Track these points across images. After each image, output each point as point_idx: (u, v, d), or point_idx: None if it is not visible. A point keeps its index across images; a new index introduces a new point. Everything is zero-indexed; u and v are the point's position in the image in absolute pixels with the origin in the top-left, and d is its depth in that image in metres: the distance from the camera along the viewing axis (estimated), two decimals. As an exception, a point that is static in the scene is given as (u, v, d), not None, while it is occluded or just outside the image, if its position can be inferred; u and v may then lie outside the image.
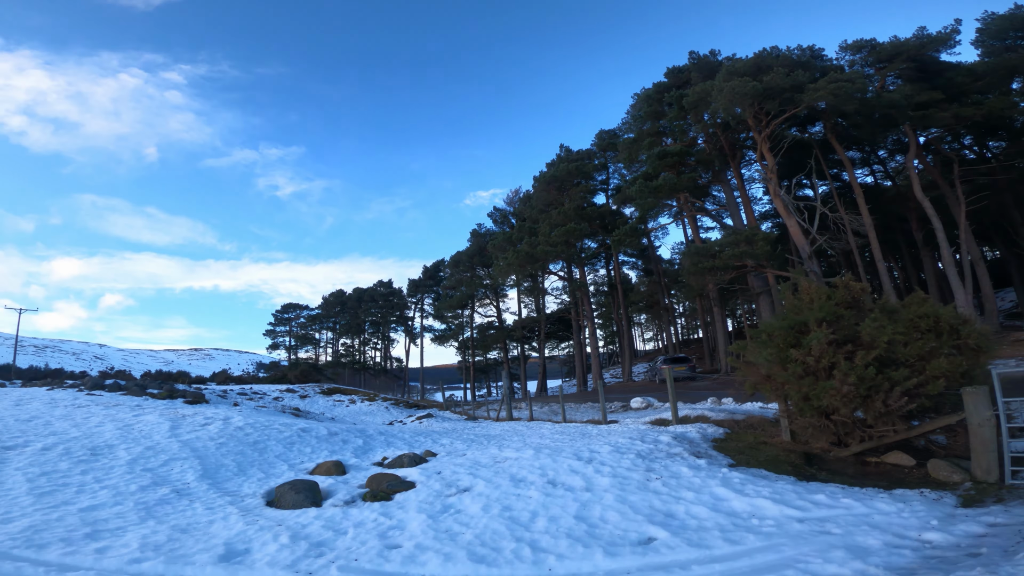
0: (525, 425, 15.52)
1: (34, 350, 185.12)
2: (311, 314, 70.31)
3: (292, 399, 30.39)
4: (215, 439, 8.86)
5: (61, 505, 5.48)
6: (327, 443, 9.59)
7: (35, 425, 9.24)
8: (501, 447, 8.80)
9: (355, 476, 7.14)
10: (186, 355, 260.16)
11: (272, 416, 14.42)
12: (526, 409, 25.67)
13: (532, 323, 47.85)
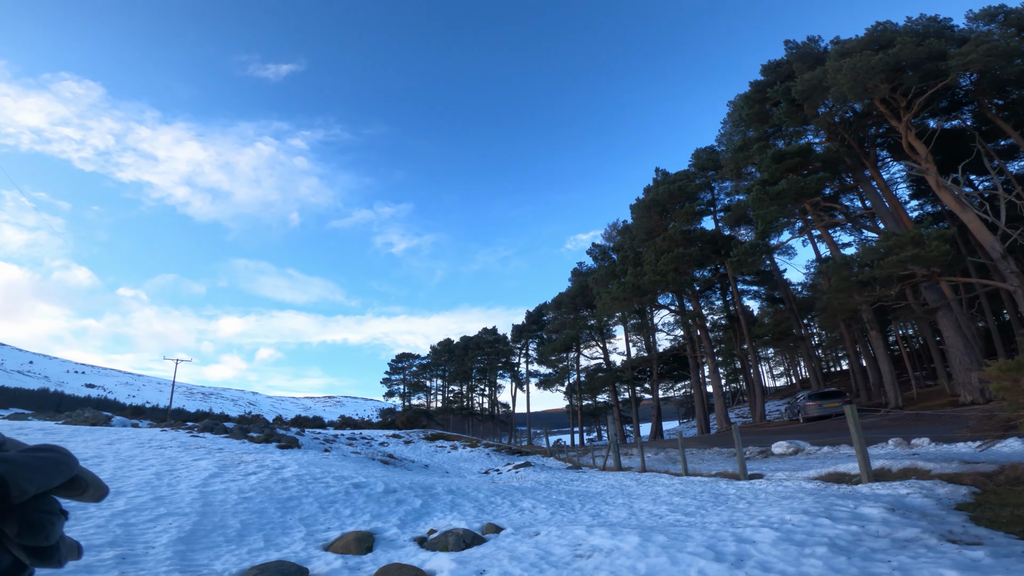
0: (635, 479, 12.49)
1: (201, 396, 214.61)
2: (422, 363, 72.06)
3: (396, 445, 29.70)
4: (244, 492, 7.37)
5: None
6: (376, 503, 7.68)
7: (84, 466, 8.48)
8: (595, 521, 6.20)
9: (379, 556, 5.07)
10: (321, 402, 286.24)
11: (345, 465, 13.03)
12: (637, 456, 22.19)
13: (642, 363, 43.68)
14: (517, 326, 58.32)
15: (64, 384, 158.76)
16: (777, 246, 34.92)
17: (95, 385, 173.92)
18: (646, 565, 4.05)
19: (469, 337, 65.32)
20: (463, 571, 4.23)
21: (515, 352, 60.68)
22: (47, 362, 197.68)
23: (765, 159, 27.28)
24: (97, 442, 11.49)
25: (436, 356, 70.04)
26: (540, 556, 4.54)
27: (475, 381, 65.29)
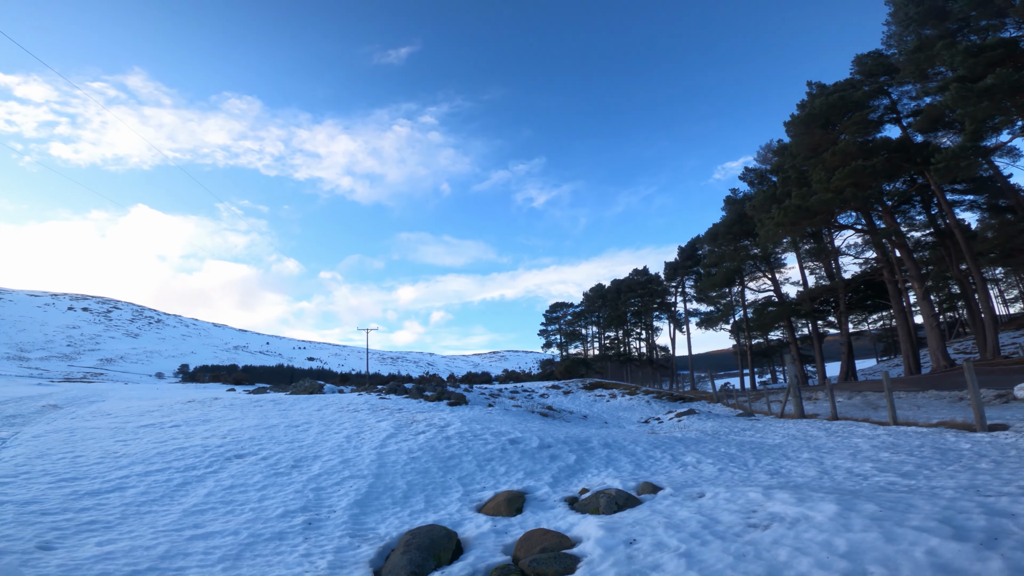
0: (824, 428, 10.83)
1: (391, 360, 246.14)
2: (575, 311, 72.57)
3: (555, 396, 30.51)
4: (413, 452, 7.91)
5: (188, 529, 4.85)
6: (531, 460, 7.68)
7: (291, 432, 9.90)
8: (774, 481, 5.31)
9: (527, 519, 4.95)
10: (487, 358, 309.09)
11: (504, 420, 13.51)
12: (824, 400, 19.47)
13: (824, 292, 37.95)
14: (670, 263, 55.03)
15: (292, 359, 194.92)
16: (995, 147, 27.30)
17: (314, 358, 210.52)
18: (847, 542, 3.20)
19: (620, 280, 63.73)
20: (610, 540, 3.82)
21: (670, 291, 57.55)
22: (279, 342, 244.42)
23: (956, 55, 22.96)
24: (309, 409, 13.40)
25: (589, 303, 69.91)
26: (703, 524, 3.91)
27: (630, 325, 63.82)
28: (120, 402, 17.78)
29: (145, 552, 4.22)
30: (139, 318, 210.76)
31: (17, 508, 5.16)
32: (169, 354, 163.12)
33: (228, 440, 8.69)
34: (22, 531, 4.53)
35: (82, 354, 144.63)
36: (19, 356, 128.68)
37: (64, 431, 10.41)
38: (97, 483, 6.23)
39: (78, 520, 4.93)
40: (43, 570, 3.72)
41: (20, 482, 6.17)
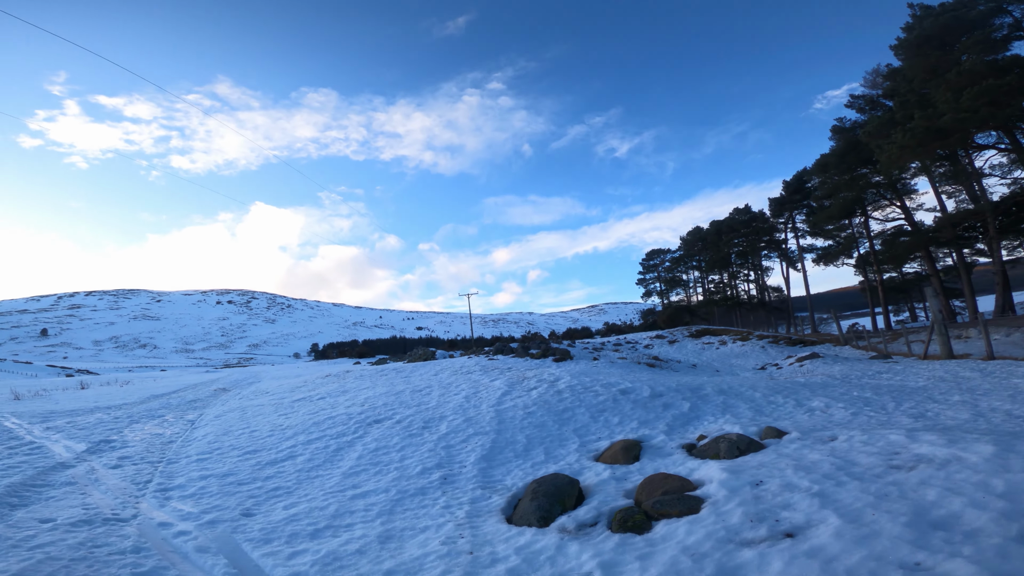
0: (977, 369, 9.68)
1: (492, 323, 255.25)
2: (673, 257, 69.62)
3: (660, 346, 29.95)
4: (528, 407, 8.36)
5: (349, 488, 5.63)
6: (643, 409, 7.79)
7: (416, 396, 10.87)
8: (918, 424, 4.96)
9: (645, 466, 5.11)
10: (586, 312, 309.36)
11: (612, 372, 13.63)
12: (976, 338, 17.22)
13: (968, 217, 32.73)
14: (775, 199, 50.46)
15: (403, 330, 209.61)
16: None
17: (422, 327, 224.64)
18: (1005, 483, 2.98)
19: (720, 221, 59.76)
20: (735, 482, 3.87)
21: (778, 228, 53.00)
22: (390, 314, 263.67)
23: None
24: (427, 374, 14.50)
25: (687, 247, 66.65)
26: (837, 466, 3.81)
27: (736, 267, 60.05)
28: (272, 381, 20.49)
29: (320, 512, 5.00)
30: (273, 305, 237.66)
31: (219, 480, 6.28)
32: (301, 335, 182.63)
33: (366, 408, 9.77)
34: (227, 501, 5.51)
35: (233, 342, 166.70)
36: (185, 349, 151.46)
37: (237, 410, 12.30)
38: (272, 454, 7.38)
39: (265, 488, 5.92)
40: (249, 535, 4.54)
41: (216, 457, 7.47)
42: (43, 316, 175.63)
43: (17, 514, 5.06)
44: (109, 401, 15.92)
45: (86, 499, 5.59)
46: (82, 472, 6.83)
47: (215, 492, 5.83)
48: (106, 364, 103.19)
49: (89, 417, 12.22)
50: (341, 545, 4.11)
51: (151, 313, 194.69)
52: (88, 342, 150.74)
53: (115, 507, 5.31)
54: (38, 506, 5.34)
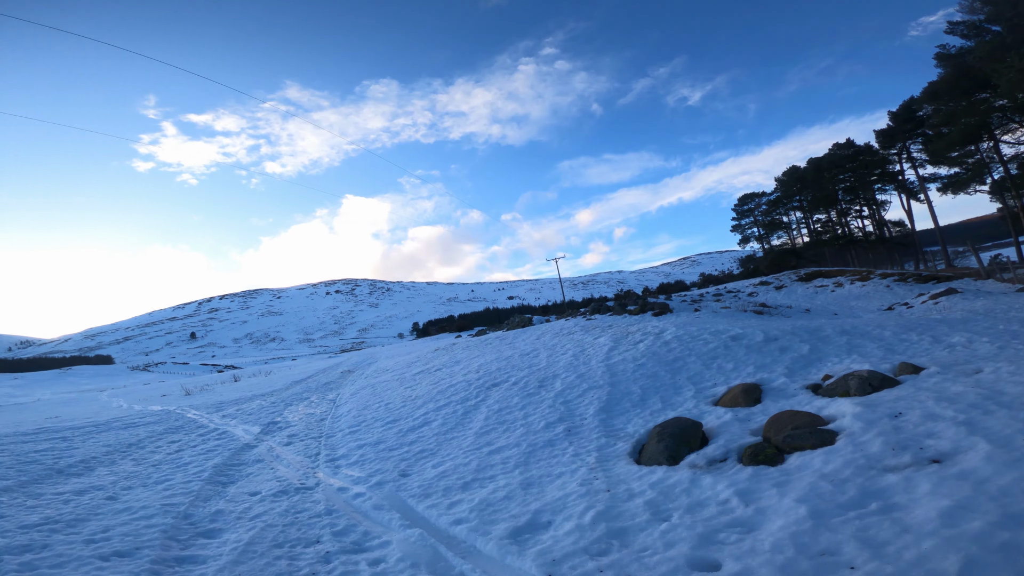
0: None
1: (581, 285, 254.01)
2: (770, 199, 64.54)
3: (766, 292, 28.34)
4: (637, 359, 8.55)
5: (483, 446, 6.24)
6: (758, 354, 7.67)
7: (526, 359, 11.45)
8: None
9: (768, 407, 5.13)
10: (678, 265, 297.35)
11: (717, 321, 13.30)
12: None
13: None
14: (882, 131, 44.97)
15: (495, 301, 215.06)
16: None
17: (513, 296, 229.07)
18: None
19: (819, 158, 54.20)
20: (871, 415, 3.84)
21: (890, 160, 47.20)
22: (481, 287, 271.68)
23: None
24: (530, 339, 15.08)
25: (784, 188, 61.29)
26: (984, 396, 3.66)
27: (844, 204, 54.44)
28: (388, 360, 22.34)
29: (464, 468, 5.64)
30: (375, 290, 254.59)
31: (373, 448, 7.21)
32: (402, 316, 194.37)
33: (481, 374, 10.52)
34: (385, 464, 6.34)
35: (345, 328, 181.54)
36: (306, 339, 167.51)
37: (367, 387, 13.70)
38: (410, 422, 8.28)
39: (412, 451, 6.73)
40: (410, 491, 5.26)
41: (363, 429, 8.52)
42: (189, 321, 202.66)
43: (230, 490, 6.11)
44: (260, 389, 18.34)
45: (276, 472, 6.65)
46: (264, 450, 8.08)
47: (372, 458, 6.71)
48: (245, 358, 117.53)
49: (251, 404, 14.22)
50: (490, 494, 4.69)
51: (274, 309, 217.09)
52: (228, 340, 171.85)
53: (300, 478, 6.29)
54: (243, 481, 6.43)
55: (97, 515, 5.32)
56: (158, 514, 5.21)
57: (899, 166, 47.41)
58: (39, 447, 9.51)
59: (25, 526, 5.00)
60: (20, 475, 7.21)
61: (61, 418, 15.35)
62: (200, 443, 9.14)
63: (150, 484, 6.54)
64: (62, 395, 38.22)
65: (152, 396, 22.42)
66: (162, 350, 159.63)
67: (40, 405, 25.84)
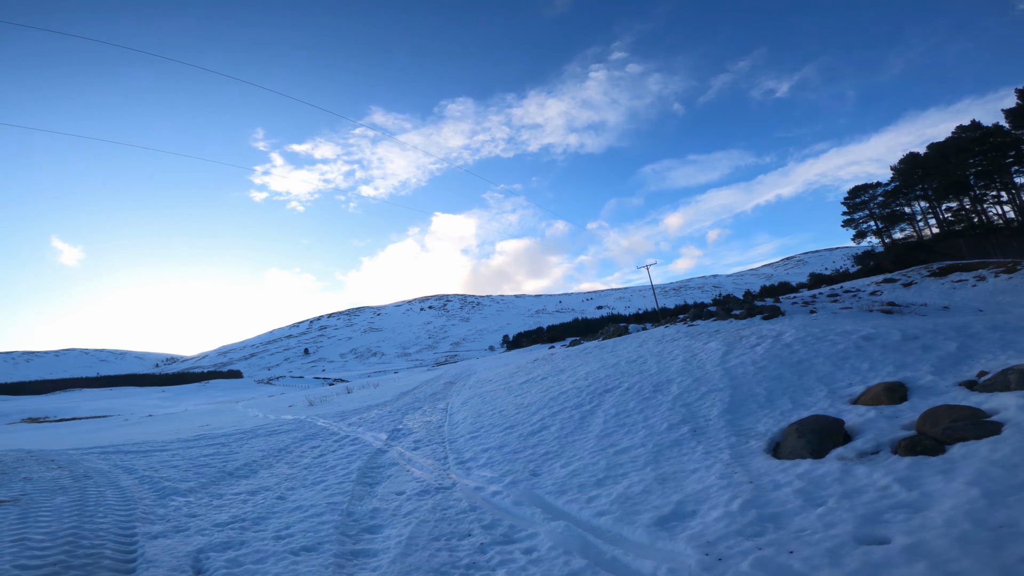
0: None
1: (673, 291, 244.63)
2: (886, 190, 58.35)
3: (891, 290, 25.73)
4: (757, 363, 8.33)
5: (608, 447, 6.43)
6: (896, 353, 7.19)
7: (633, 366, 11.47)
8: None
9: (917, 404, 4.87)
10: (780, 266, 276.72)
11: (842, 321, 12.43)
12: None
13: None
14: (1012, 109, 39.81)
15: (584, 311, 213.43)
16: None
17: (602, 306, 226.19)
18: None
19: (940, 143, 48.29)
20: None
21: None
22: (568, 298, 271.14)
23: None
24: (631, 347, 15.03)
25: (904, 177, 55.08)
26: None
27: (978, 190, 47.93)
28: (486, 371, 23.11)
29: (594, 467, 5.88)
30: (465, 305, 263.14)
31: (498, 451, 7.62)
32: (492, 329, 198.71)
33: (589, 381, 10.71)
34: (513, 466, 6.71)
35: (439, 343, 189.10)
36: (404, 353, 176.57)
37: (475, 397, 14.35)
38: (527, 427, 8.65)
39: (537, 453, 7.07)
40: (545, 489, 5.52)
41: (483, 434, 9.02)
42: (303, 339, 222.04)
43: (378, 490, 6.63)
44: (373, 400, 19.72)
45: (412, 474, 7.19)
46: (396, 455, 8.75)
47: (500, 460, 7.11)
48: (351, 372, 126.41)
49: (370, 413, 15.40)
50: (626, 488, 4.91)
51: (375, 325, 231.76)
52: (336, 355, 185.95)
53: (436, 479, 6.76)
54: (386, 482, 6.97)
55: (275, 513, 5.92)
56: (326, 512, 5.72)
57: (1038, 145, 41.18)
58: (204, 452, 10.84)
59: (219, 524, 5.63)
60: (199, 477, 8.28)
61: (211, 426, 17.38)
62: (337, 448, 10.01)
63: (308, 485, 7.23)
64: (203, 406, 43.45)
65: (280, 407, 24.69)
66: (281, 365, 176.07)
67: (187, 415, 29.42)
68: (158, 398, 70.96)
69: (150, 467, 9.31)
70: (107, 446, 12.80)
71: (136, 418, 31.70)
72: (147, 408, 50.66)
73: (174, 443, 12.58)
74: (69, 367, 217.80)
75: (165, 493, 7.20)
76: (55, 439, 17.44)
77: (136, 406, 56.94)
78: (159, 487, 7.57)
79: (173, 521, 5.83)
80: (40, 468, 9.47)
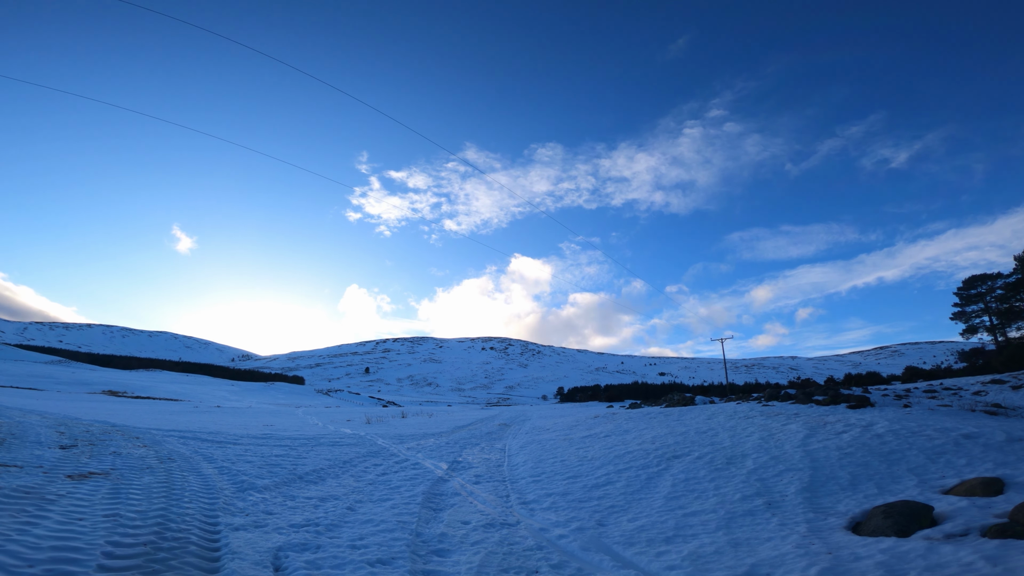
0: None
1: (745, 368, 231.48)
2: (1008, 282, 53.02)
3: (999, 391, 23.10)
4: (843, 448, 7.93)
5: (676, 508, 6.34)
6: (998, 452, 6.69)
7: (704, 437, 11.13)
8: None
9: (1012, 498, 4.60)
10: (872, 355, 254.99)
11: (940, 419, 11.44)
12: None
13: None
14: None
15: (645, 376, 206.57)
16: None
17: (665, 372, 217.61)
18: None
19: (1083, 229, 43.76)
20: None
21: None
22: (631, 360, 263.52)
23: None
24: (699, 418, 14.49)
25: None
26: None
27: None
28: (542, 420, 22.88)
29: (662, 525, 5.86)
30: (526, 351, 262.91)
31: (562, 498, 7.63)
32: (548, 379, 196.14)
33: (657, 445, 10.50)
34: (579, 513, 6.73)
35: (494, 383, 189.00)
36: (458, 388, 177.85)
37: (534, 443, 14.29)
38: (591, 479, 8.60)
39: (602, 505, 7.05)
40: (612, 539, 5.58)
41: (546, 480, 9.02)
42: (367, 358, 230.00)
43: (444, 516, 6.70)
44: (428, 429, 19.74)
45: (475, 507, 7.22)
46: (457, 485, 8.81)
47: (564, 507, 7.12)
48: (404, 397, 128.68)
49: (427, 441, 15.60)
50: (697, 548, 4.87)
51: (435, 357, 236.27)
52: (393, 379, 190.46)
53: (500, 515, 6.79)
54: (451, 510, 7.02)
55: (347, 523, 6.07)
56: (396, 529, 5.85)
57: None
58: (274, 452, 11.19)
59: (295, 525, 5.80)
60: (272, 476, 8.54)
61: (275, 427, 17.98)
62: (399, 470, 10.16)
63: (376, 500, 7.36)
64: (266, 405, 45.28)
65: (339, 419, 25.22)
66: (341, 379, 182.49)
67: (251, 411, 30.84)
68: (227, 391, 74.83)
69: (227, 459, 9.76)
70: (184, 431, 13.59)
71: (205, 406, 33.73)
72: (216, 399, 53.23)
73: (244, 438, 13.08)
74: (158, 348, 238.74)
75: (243, 487, 7.48)
76: (134, 416, 18.76)
77: (207, 395, 60.06)
78: (237, 480, 7.89)
79: (252, 516, 6.04)
80: (127, 444, 10.20)
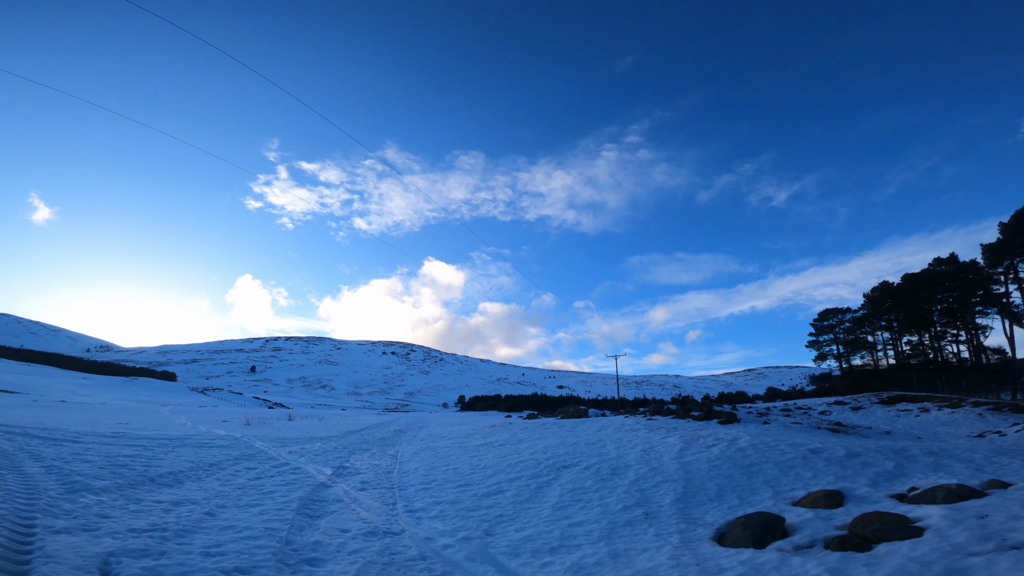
0: None
1: (635, 384, 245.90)
2: (855, 316, 61.57)
3: (841, 412, 26.81)
4: (712, 461, 8.66)
5: (563, 519, 6.56)
6: (838, 466, 7.67)
7: (593, 448, 11.60)
8: None
9: (851, 510, 5.29)
10: (741, 376, 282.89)
11: (793, 435, 12.96)
12: None
13: None
14: (990, 245, 42.37)
15: (544, 388, 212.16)
16: None
17: (563, 386, 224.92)
18: None
19: (915, 273, 51.58)
20: (958, 515, 4.04)
21: (995, 279, 44.22)
22: (532, 372, 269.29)
23: None
24: (591, 430, 15.06)
25: (873, 305, 58.23)
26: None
27: (940, 327, 50.92)
28: (439, 427, 22.59)
29: (548, 535, 5.96)
30: (428, 358, 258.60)
31: (452, 506, 7.52)
32: (450, 387, 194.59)
33: (549, 455, 10.77)
34: (467, 522, 6.63)
35: (393, 389, 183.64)
36: (355, 392, 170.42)
37: (428, 450, 14.03)
38: (483, 488, 8.58)
39: (491, 514, 7.03)
40: (499, 549, 5.57)
41: (436, 488, 8.85)
42: (253, 355, 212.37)
43: (320, 523, 6.38)
44: (317, 433, 18.63)
45: (358, 514, 6.93)
46: (341, 492, 8.41)
47: (452, 515, 7.00)
48: (294, 400, 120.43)
49: (313, 445, 14.67)
50: (580, 559, 5.02)
51: (332, 359, 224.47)
52: (283, 380, 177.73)
53: (384, 523, 6.55)
54: (330, 517, 6.69)
55: (203, 528, 5.60)
56: (263, 536, 5.48)
57: (1005, 287, 44.14)
58: (124, 452, 10.08)
59: (135, 530, 5.28)
60: (116, 477, 7.66)
61: (131, 425, 16.15)
62: (276, 475, 9.48)
63: (243, 506, 6.83)
64: (124, 402, 40.07)
65: (213, 420, 23.02)
66: (222, 377, 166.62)
67: (104, 408, 27.34)
68: (76, 384, 65.63)
69: (60, 457, 8.71)
70: (13, 425, 11.99)
71: (47, 400, 29.49)
72: (62, 393, 47.23)
73: (89, 436, 11.81)
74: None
75: (75, 488, 6.72)
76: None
77: (50, 388, 52.83)
78: (68, 480, 7.07)
79: (81, 519, 5.44)
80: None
